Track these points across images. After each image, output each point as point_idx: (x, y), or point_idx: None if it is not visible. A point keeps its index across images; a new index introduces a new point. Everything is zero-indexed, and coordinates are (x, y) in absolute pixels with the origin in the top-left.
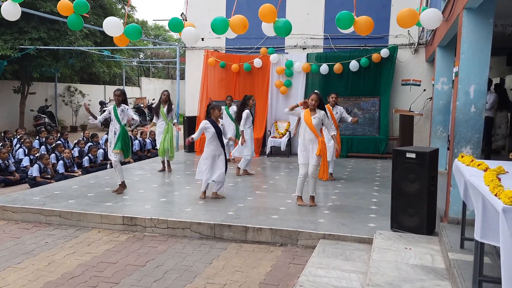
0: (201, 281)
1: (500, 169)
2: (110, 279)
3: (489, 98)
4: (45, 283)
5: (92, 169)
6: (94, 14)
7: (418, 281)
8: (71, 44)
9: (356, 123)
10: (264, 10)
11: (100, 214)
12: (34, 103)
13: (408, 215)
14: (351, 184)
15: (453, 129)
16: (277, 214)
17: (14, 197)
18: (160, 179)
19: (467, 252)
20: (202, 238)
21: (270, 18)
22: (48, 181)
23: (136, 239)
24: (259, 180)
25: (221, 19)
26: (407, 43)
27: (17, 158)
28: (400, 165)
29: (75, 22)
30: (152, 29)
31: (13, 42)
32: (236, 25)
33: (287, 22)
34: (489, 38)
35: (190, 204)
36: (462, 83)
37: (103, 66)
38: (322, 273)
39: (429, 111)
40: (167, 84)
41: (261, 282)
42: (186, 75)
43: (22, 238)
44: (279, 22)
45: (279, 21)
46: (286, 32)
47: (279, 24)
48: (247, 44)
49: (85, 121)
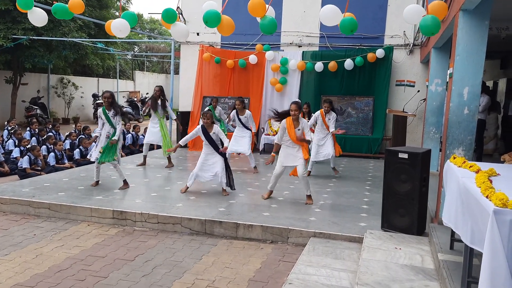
0: (190, 276)
1: (492, 171)
2: (99, 273)
3: (482, 100)
4: (32, 276)
5: (83, 161)
6: (89, 5)
7: (408, 281)
8: (64, 35)
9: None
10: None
11: (90, 207)
12: (26, 94)
13: (399, 215)
14: (343, 183)
15: (446, 130)
16: (268, 212)
17: (3, 188)
18: (151, 173)
19: (457, 253)
20: (193, 234)
21: (260, 12)
22: (38, 173)
23: (126, 233)
24: (251, 177)
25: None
26: (402, 44)
27: (7, 149)
28: (392, 165)
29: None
30: (148, 23)
31: (5, 32)
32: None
33: (272, 19)
34: (484, 40)
35: (181, 200)
36: (456, 85)
37: (96, 58)
38: (311, 271)
39: (422, 112)
40: (162, 78)
41: (251, 279)
42: (181, 70)
43: (10, 230)
44: (265, 19)
45: (265, 18)
46: (270, 30)
47: (264, 22)
48: (242, 40)
49: (77, 114)
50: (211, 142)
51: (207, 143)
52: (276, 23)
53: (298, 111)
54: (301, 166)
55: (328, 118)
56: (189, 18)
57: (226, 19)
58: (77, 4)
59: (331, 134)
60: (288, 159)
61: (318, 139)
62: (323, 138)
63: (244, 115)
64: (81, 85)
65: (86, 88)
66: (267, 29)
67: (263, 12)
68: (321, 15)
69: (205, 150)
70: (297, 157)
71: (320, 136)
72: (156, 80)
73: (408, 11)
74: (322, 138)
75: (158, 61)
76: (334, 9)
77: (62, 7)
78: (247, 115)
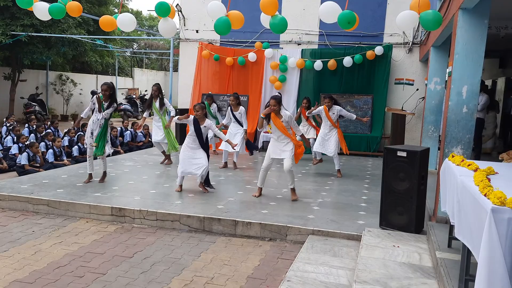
0: (188, 273)
1: (490, 169)
2: (97, 269)
3: (481, 99)
4: (30, 272)
5: (82, 158)
6: (88, 2)
7: (405, 279)
8: (63, 32)
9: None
10: (265, 1)
11: (89, 204)
12: (24, 91)
13: (397, 213)
14: (342, 181)
15: (445, 129)
16: (267, 209)
17: (2, 184)
18: (150, 170)
19: (454, 251)
20: (191, 231)
21: (271, 10)
22: (36, 170)
23: (125, 230)
24: (250, 175)
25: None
26: (401, 42)
27: (5, 146)
28: (391, 164)
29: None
30: (147, 20)
31: (4, 28)
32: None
33: (283, 19)
34: (483, 39)
35: (180, 197)
36: (455, 84)
37: (95, 55)
38: (310, 269)
39: (421, 110)
40: (161, 75)
41: (249, 276)
42: (180, 67)
43: (8, 226)
44: (275, 18)
45: (275, 18)
46: (281, 29)
47: (274, 21)
48: (242, 38)
49: (76, 110)
50: (199, 135)
51: (194, 135)
52: (286, 22)
53: (277, 106)
54: (288, 160)
55: (332, 113)
56: (188, 15)
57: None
58: (75, 7)
59: (337, 131)
60: (275, 152)
61: (324, 133)
62: (328, 133)
63: (238, 111)
64: (80, 82)
65: (84, 85)
66: (278, 28)
67: (275, 10)
68: (320, 12)
69: (188, 143)
70: (284, 151)
71: (326, 131)
72: (155, 77)
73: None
74: (327, 133)
75: (157, 58)
76: (333, 5)
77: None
78: (241, 111)
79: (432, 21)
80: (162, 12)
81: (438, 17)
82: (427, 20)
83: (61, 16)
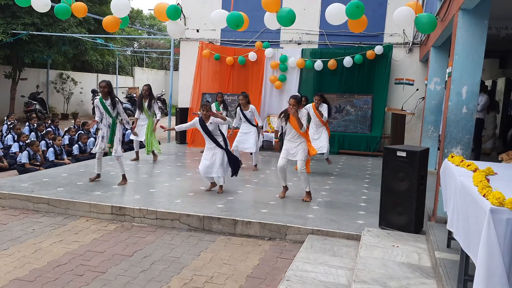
0: (188, 272)
1: (489, 170)
2: (97, 268)
3: (481, 99)
4: (31, 271)
5: (82, 157)
6: (89, 1)
7: (404, 279)
8: (64, 30)
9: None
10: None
11: (89, 202)
12: (25, 89)
13: (397, 213)
14: (342, 181)
15: (444, 129)
16: (266, 208)
17: (2, 183)
18: (150, 169)
19: (453, 252)
20: (191, 230)
21: (274, 7)
22: (37, 168)
23: (124, 229)
24: (250, 174)
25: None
26: (401, 42)
27: (6, 144)
28: (391, 163)
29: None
30: (147, 19)
31: (5, 27)
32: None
33: (291, 10)
34: (483, 39)
35: (179, 196)
36: (454, 84)
37: (96, 54)
38: (309, 268)
39: (421, 110)
40: (161, 74)
41: (249, 275)
42: (180, 66)
43: (9, 225)
44: (283, 11)
45: (282, 10)
46: (290, 21)
47: (282, 14)
48: (242, 37)
49: (76, 109)
50: (208, 134)
51: (205, 135)
52: (294, 13)
53: (296, 106)
54: (301, 162)
55: (320, 109)
56: (188, 15)
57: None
58: (80, 7)
59: (325, 129)
60: (289, 153)
61: (313, 133)
62: (317, 132)
63: (248, 110)
64: (80, 80)
65: (85, 83)
66: (285, 20)
67: (277, 7)
68: (327, 15)
69: (206, 144)
70: (297, 153)
71: (314, 130)
72: (155, 76)
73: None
74: (316, 132)
75: (158, 57)
76: (340, 7)
77: (64, 8)
78: (251, 110)
79: (427, 24)
80: (172, 15)
81: (432, 20)
82: (422, 23)
83: (67, 16)
